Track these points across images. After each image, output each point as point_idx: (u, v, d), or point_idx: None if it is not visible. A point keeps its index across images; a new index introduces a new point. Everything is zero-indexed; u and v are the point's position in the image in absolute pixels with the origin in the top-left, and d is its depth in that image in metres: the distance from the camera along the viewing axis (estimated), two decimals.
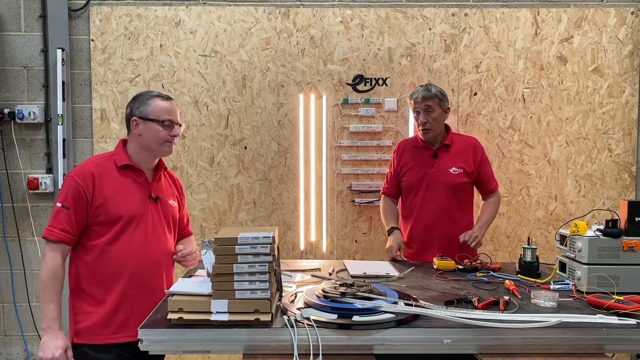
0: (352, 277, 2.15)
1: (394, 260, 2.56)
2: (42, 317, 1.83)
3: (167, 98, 2.00)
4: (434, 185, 2.63)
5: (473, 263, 2.31)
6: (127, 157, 1.96)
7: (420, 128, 2.64)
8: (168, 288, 1.97)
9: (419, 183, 2.66)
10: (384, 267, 2.34)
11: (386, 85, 3.28)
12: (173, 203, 2.09)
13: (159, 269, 1.98)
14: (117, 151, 1.99)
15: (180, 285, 1.71)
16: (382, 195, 2.86)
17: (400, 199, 2.81)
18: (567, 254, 2.06)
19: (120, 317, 1.88)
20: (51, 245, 1.84)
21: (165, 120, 1.95)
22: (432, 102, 2.59)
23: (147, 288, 1.92)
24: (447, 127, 2.73)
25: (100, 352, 1.86)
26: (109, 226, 1.88)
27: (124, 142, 2.02)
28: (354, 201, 3.30)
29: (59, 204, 1.85)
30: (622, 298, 1.71)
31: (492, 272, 2.23)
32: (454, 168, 2.64)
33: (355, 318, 1.55)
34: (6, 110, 3.18)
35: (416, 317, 1.60)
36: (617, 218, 1.97)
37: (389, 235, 2.69)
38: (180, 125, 2.00)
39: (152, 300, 1.87)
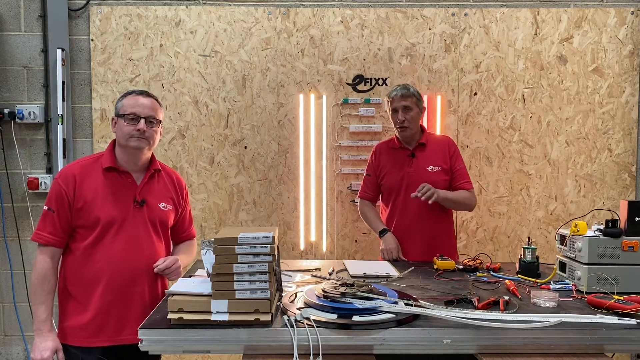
0: (352, 277, 2.15)
1: (393, 261, 2.56)
2: (33, 320, 1.86)
3: (141, 93, 1.93)
4: (413, 184, 2.60)
5: (473, 263, 2.31)
6: (113, 159, 1.93)
7: (397, 126, 2.66)
8: (156, 295, 1.95)
9: (399, 184, 2.66)
10: (384, 267, 2.34)
11: (386, 85, 3.28)
12: (164, 206, 1.99)
13: (140, 276, 1.90)
14: (105, 152, 1.96)
15: (180, 285, 1.71)
16: (360, 199, 2.85)
17: (381, 202, 2.81)
18: (567, 254, 2.06)
19: (97, 321, 1.86)
20: (40, 249, 1.86)
21: (128, 114, 1.87)
22: (410, 101, 2.61)
23: (124, 295, 1.88)
24: (422, 128, 2.75)
25: (82, 353, 1.87)
26: (90, 230, 1.86)
27: (114, 143, 1.98)
28: (354, 201, 3.30)
29: (45, 207, 1.87)
30: (622, 298, 1.71)
31: (492, 272, 2.23)
32: (432, 166, 2.65)
33: (355, 318, 1.54)
34: (6, 110, 3.18)
35: (416, 317, 1.60)
36: (617, 218, 1.97)
37: (381, 237, 2.67)
38: (154, 121, 1.91)
39: (129, 308, 1.87)
